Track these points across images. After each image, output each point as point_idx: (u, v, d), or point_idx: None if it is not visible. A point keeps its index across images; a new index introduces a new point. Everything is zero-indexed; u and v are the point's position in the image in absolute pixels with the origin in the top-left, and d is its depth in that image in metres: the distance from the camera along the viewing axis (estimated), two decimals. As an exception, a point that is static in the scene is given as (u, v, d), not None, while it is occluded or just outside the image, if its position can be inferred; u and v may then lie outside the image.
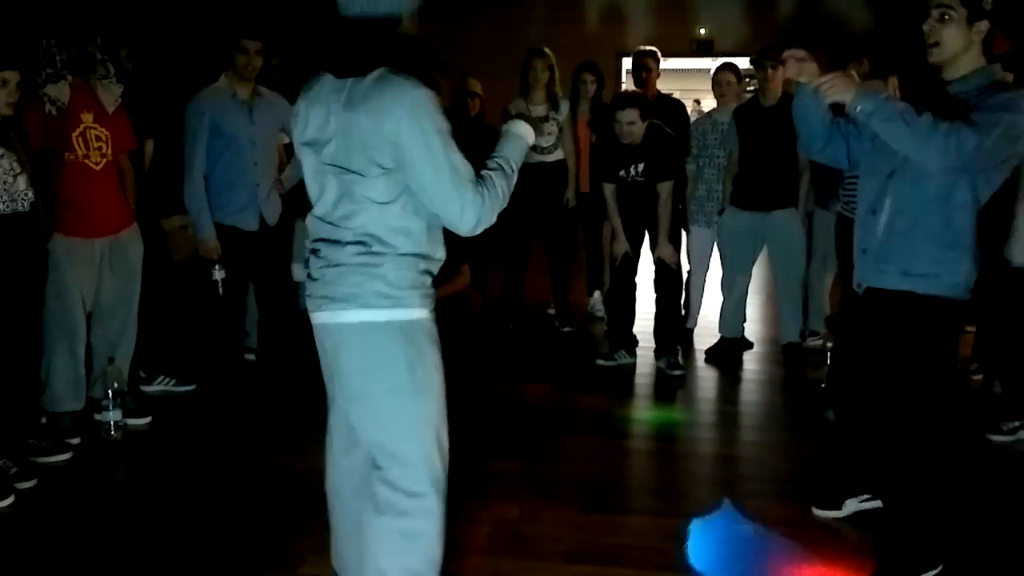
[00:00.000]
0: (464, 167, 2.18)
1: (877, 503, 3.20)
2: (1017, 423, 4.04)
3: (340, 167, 2.21)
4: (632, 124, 4.76)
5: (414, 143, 2.11)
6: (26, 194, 3.50)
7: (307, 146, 2.29)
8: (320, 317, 2.30)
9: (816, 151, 3.00)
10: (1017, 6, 3.22)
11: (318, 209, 2.31)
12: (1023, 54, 4.21)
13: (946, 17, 2.59)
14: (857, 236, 2.91)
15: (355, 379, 2.29)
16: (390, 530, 2.28)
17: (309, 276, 2.33)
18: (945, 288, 2.71)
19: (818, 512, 3.29)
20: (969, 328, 5.22)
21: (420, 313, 2.26)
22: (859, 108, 2.54)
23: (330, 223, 2.27)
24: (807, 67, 2.66)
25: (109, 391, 3.99)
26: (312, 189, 2.33)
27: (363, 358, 2.26)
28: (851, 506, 3.27)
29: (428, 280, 2.31)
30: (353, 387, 2.30)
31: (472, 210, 2.17)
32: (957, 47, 2.61)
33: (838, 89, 2.57)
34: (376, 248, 2.21)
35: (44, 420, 3.90)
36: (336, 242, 2.25)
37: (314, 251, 2.32)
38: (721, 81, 5.45)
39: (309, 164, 2.31)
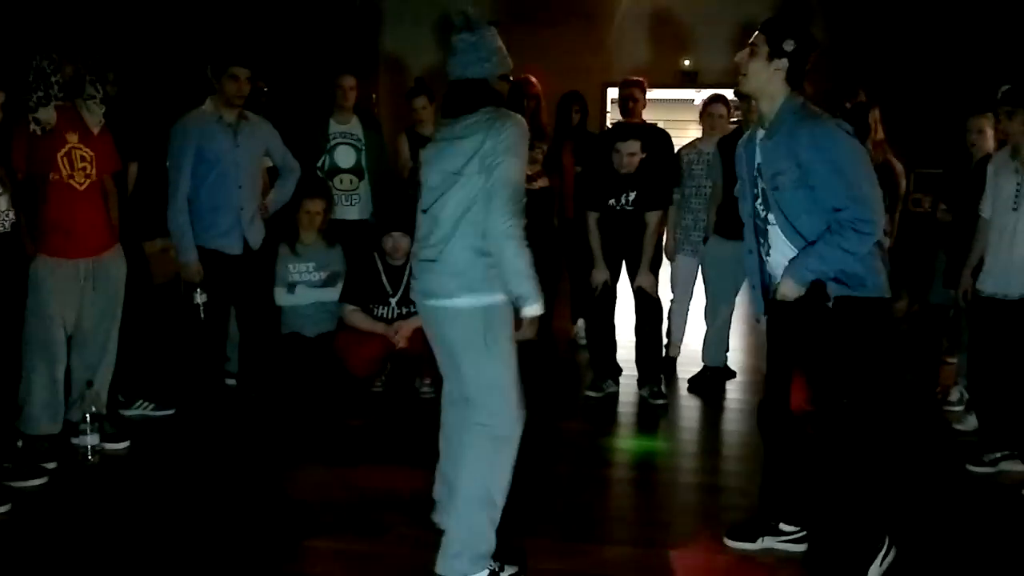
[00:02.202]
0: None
1: (798, 547, 3.24)
2: (998, 454, 4.05)
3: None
4: (633, 155, 4.81)
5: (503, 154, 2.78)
6: (7, 215, 3.47)
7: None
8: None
9: None
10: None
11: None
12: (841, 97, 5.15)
13: (753, 52, 2.95)
14: (747, 271, 3.22)
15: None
16: (478, 457, 2.98)
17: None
18: (874, 290, 2.96)
19: (729, 542, 3.30)
20: (950, 360, 5.26)
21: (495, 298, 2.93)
22: (807, 284, 2.91)
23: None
24: None
25: (87, 415, 3.95)
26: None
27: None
28: (765, 543, 3.27)
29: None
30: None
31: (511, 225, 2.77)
32: (760, 79, 2.96)
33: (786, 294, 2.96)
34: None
35: (20, 443, 3.85)
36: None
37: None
38: (713, 113, 5.51)
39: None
